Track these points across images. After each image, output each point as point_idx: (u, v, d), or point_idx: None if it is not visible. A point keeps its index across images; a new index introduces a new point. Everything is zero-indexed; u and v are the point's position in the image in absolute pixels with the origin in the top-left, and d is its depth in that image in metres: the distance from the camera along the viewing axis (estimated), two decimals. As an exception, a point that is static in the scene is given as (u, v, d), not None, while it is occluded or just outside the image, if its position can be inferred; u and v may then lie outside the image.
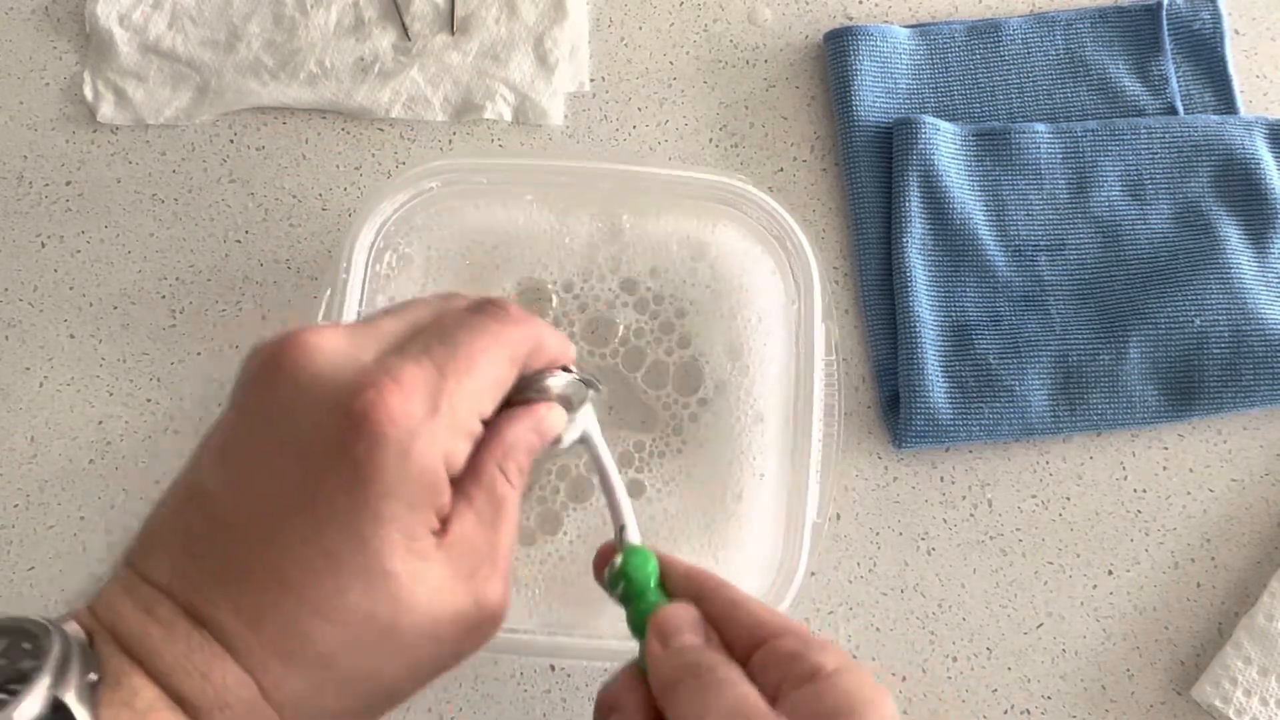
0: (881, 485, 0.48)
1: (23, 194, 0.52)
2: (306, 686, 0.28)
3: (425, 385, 0.28)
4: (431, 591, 0.29)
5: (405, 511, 0.28)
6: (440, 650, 0.30)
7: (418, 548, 0.28)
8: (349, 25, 0.54)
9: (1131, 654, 0.46)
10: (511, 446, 0.31)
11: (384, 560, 0.27)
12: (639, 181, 0.46)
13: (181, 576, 0.27)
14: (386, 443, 0.27)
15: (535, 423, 0.32)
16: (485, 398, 0.30)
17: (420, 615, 0.28)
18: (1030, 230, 0.51)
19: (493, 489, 0.31)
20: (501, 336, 0.31)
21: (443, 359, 0.29)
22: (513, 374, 0.31)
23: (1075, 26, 0.54)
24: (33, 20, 0.55)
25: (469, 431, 0.30)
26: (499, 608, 0.31)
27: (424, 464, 0.28)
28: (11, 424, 0.49)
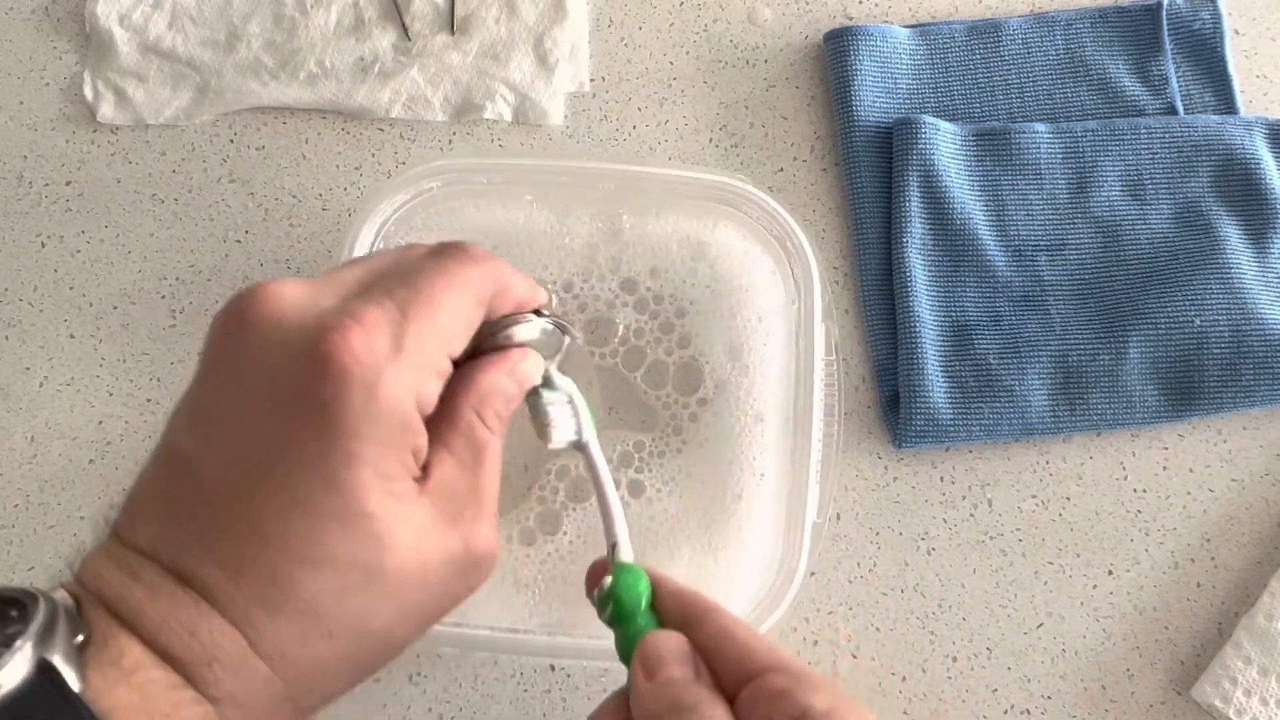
0: (881, 485, 0.48)
1: (23, 194, 0.52)
2: (295, 636, 0.27)
3: (388, 324, 0.28)
4: (416, 533, 0.28)
5: (378, 451, 0.28)
6: (430, 594, 0.30)
7: (396, 489, 0.28)
8: (349, 25, 0.54)
9: (1131, 654, 0.46)
10: (487, 392, 0.31)
11: (360, 501, 0.27)
12: (639, 181, 0.46)
13: (163, 538, 0.27)
14: (352, 382, 0.27)
15: (509, 368, 0.32)
16: (452, 336, 0.30)
17: (405, 557, 0.28)
18: (1030, 230, 0.51)
19: (471, 434, 0.31)
20: (463, 275, 0.31)
21: (405, 300, 0.29)
22: (478, 313, 0.31)
23: (1075, 26, 0.54)
24: (33, 20, 0.55)
25: (437, 370, 0.30)
26: (489, 551, 0.31)
27: (392, 402, 0.28)
28: (11, 424, 0.49)
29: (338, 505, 0.27)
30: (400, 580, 0.28)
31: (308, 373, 0.27)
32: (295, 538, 0.27)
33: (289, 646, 0.27)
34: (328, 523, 0.27)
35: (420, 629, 0.30)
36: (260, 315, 0.28)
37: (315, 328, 0.28)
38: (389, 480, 0.28)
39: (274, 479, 0.27)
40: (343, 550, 0.27)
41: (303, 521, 0.27)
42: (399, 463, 0.28)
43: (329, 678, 0.29)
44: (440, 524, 0.29)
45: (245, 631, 0.27)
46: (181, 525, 0.28)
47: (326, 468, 0.27)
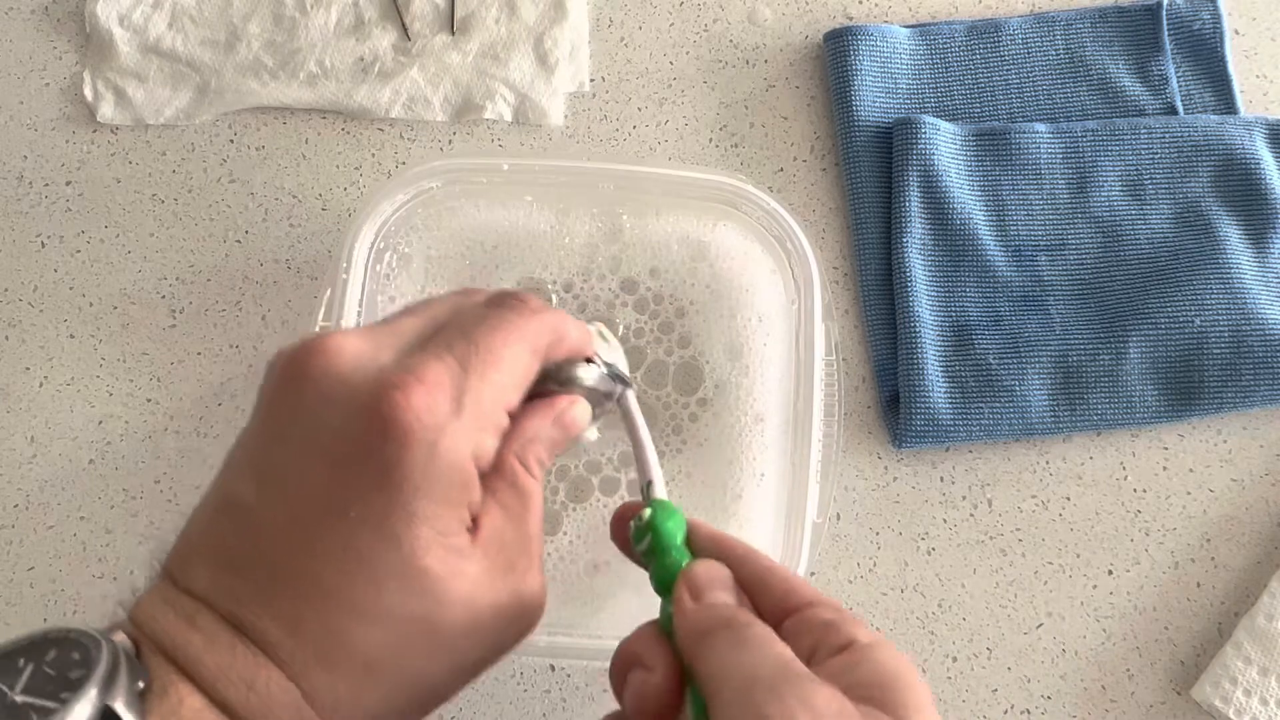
0: (881, 485, 0.48)
1: (23, 194, 0.52)
2: (350, 690, 0.28)
3: (449, 382, 0.28)
4: (470, 587, 0.29)
5: (437, 509, 0.28)
6: (482, 645, 0.30)
7: (453, 544, 0.28)
8: (349, 25, 0.54)
9: (1131, 654, 0.46)
10: (531, 439, 0.32)
11: (419, 558, 0.27)
12: (639, 181, 0.46)
13: (220, 587, 0.28)
14: (414, 442, 0.27)
15: (556, 416, 0.32)
16: (510, 391, 0.30)
17: (460, 611, 0.28)
18: (1030, 230, 0.51)
19: (515, 481, 0.31)
20: (522, 329, 0.31)
21: (465, 354, 0.29)
22: (535, 366, 0.32)
23: (1075, 26, 0.54)
24: (33, 20, 0.55)
25: (495, 426, 0.30)
26: (538, 599, 0.31)
27: (452, 460, 0.28)
28: (11, 424, 0.49)
29: (396, 562, 0.27)
30: (454, 634, 0.29)
31: (370, 431, 0.27)
32: (353, 593, 0.27)
33: (342, 699, 0.28)
34: (386, 579, 0.27)
35: (469, 678, 0.31)
36: (322, 369, 0.28)
37: (377, 385, 0.28)
38: (446, 536, 0.28)
39: (335, 535, 0.27)
40: (400, 606, 0.27)
41: (361, 577, 0.27)
42: (456, 519, 0.29)
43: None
44: (492, 576, 0.29)
45: (301, 685, 0.27)
46: (240, 575, 0.28)
47: (387, 525, 0.27)
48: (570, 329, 0.33)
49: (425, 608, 0.28)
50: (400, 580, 0.27)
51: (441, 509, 0.28)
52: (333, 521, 0.27)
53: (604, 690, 0.45)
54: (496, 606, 0.29)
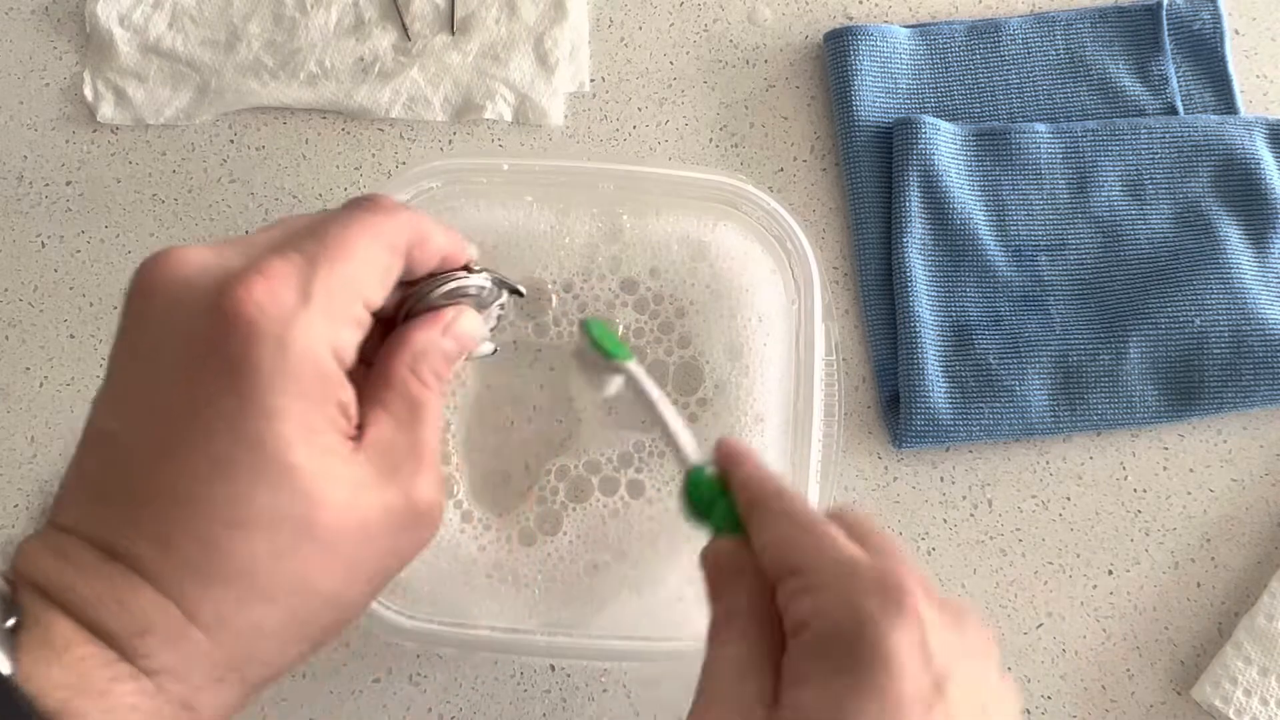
0: (881, 485, 0.48)
1: (23, 194, 0.52)
2: (230, 601, 0.27)
3: (295, 274, 0.27)
4: (350, 487, 0.28)
5: (297, 404, 0.27)
6: (374, 549, 0.29)
7: (323, 443, 0.27)
8: (349, 25, 0.54)
9: (1131, 654, 0.46)
10: (422, 350, 0.31)
11: (283, 455, 0.26)
12: (639, 181, 0.46)
13: (91, 516, 0.27)
14: (259, 334, 0.26)
15: (444, 327, 0.32)
16: (365, 284, 0.29)
17: (340, 511, 0.27)
18: (1030, 230, 0.51)
19: (406, 391, 0.30)
20: (373, 224, 0.30)
21: (313, 251, 0.28)
22: (395, 262, 0.30)
23: (1075, 26, 0.54)
24: (33, 20, 0.55)
25: (352, 318, 0.29)
26: (432, 503, 0.30)
27: (304, 352, 0.27)
28: (11, 424, 0.49)
29: (260, 462, 0.26)
30: (337, 536, 0.28)
31: (214, 330, 0.27)
32: (221, 500, 0.26)
33: (226, 613, 0.27)
34: (253, 481, 0.26)
35: (369, 588, 0.30)
36: (165, 279, 0.28)
37: (219, 284, 0.27)
38: (313, 433, 0.27)
39: (193, 442, 0.26)
40: (270, 508, 0.26)
41: (227, 483, 0.26)
42: (323, 417, 0.28)
43: (276, 644, 0.28)
44: (377, 478, 0.29)
45: (178, 601, 0.26)
46: (107, 502, 0.27)
47: (245, 425, 0.26)
48: (434, 229, 0.32)
49: (300, 508, 0.27)
50: (268, 481, 0.26)
51: (302, 404, 0.27)
52: (189, 429, 0.27)
53: (604, 690, 0.45)
54: (386, 509, 0.29)
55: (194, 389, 0.27)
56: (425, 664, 0.45)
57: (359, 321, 0.29)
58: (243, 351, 0.26)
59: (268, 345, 0.26)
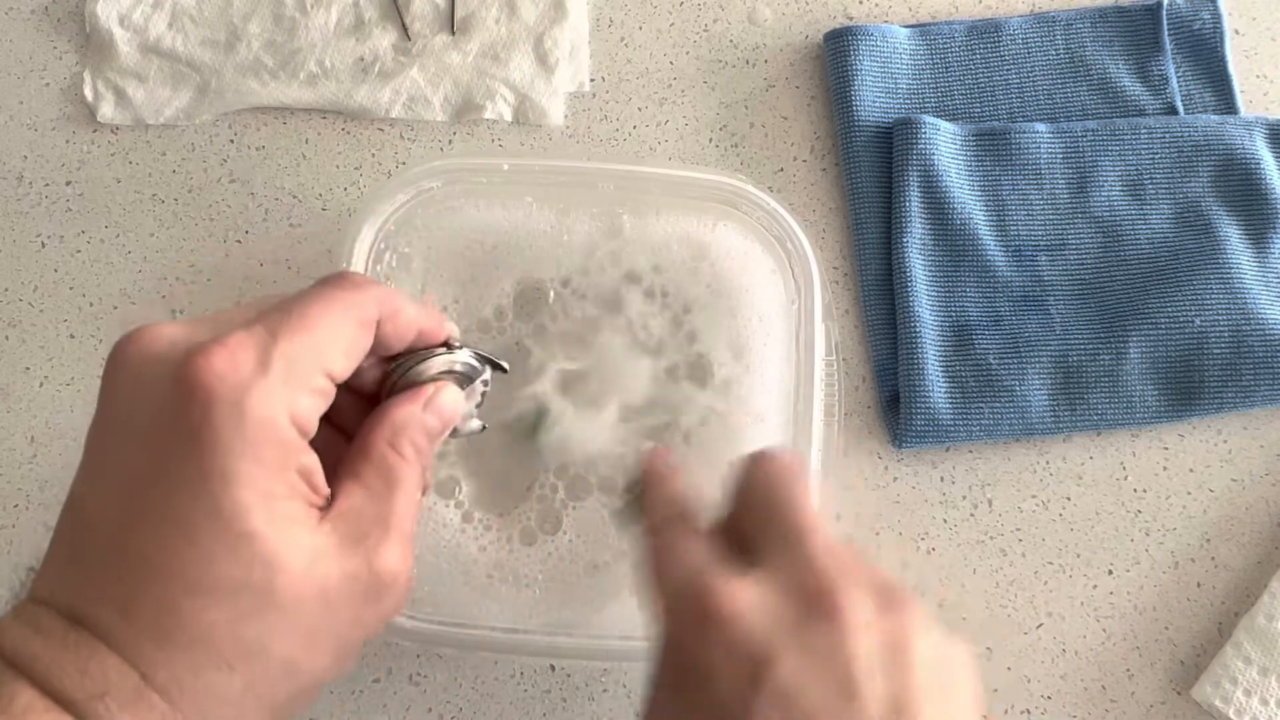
0: (881, 485, 0.48)
1: (23, 194, 0.52)
2: (189, 667, 0.27)
3: (255, 345, 0.28)
4: (310, 555, 0.28)
5: (256, 470, 0.27)
6: (336, 619, 0.29)
7: (284, 509, 0.28)
8: (349, 25, 0.54)
9: (1131, 654, 0.46)
10: (401, 424, 0.32)
11: (242, 521, 0.27)
12: (639, 181, 0.46)
13: (61, 584, 0.28)
14: (218, 401, 0.27)
15: (425, 401, 0.32)
16: (328, 355, 0.30)
17: (299, 578, 0.28)
18: (1030, 230, 0.51)
19: (382, 463, 0.31)
20: (340, 298, 0.30)
21: (275, 323, 0.29)
22: (362, 336, 0.31)
23: (1075, 26, 0.54)
24: (33, 20, 0.55)
25: (313, 388, 0.29)
26: (397, 573, 0.30)
27: (262, 417, 0.27)
28: (11, 424, 0.49)
29: (219, 528, 0.27)
30: (297, 603, 0.28)
31: (176, 399, 0.27)
32: (182, 566, 0.27)
33: (184, 679, 0.27)
34: (212, 547, 0.27)
35: (331, 659, 0.30)
36: (136, 355, 0.29)
37: (184, 355, 0.28)
38: (272, 500, 0.28)
39: (155, 509, 0.27)
40: (230, 575, 0.27)
41: (188, 549, 0.27)
42: (283, 483, 0.28)
43: (234, 712, 0.28)
44: (339, 546, 0.29)
45: (139, 667, 0.27)
46: (76, 568, 0.28)
47: (205, 491, 0.27)
48: (406, 304, 0.33)
49: (259, 575, 0.27)
50: (226, 547, 0.27)
51: (260, 470, 0.27)
52: (152, 495, 0.27)
53: (604, 690, 0.45)
54: (347, 576, 0.29)
55: (157, 456, 0.27)
56: (425, 664, 0.45)
57: (320, 391, 0.30)
58: (202, 418, 0.27)
59: (225, 412, 0.27)
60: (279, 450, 0.28)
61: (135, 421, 0.28)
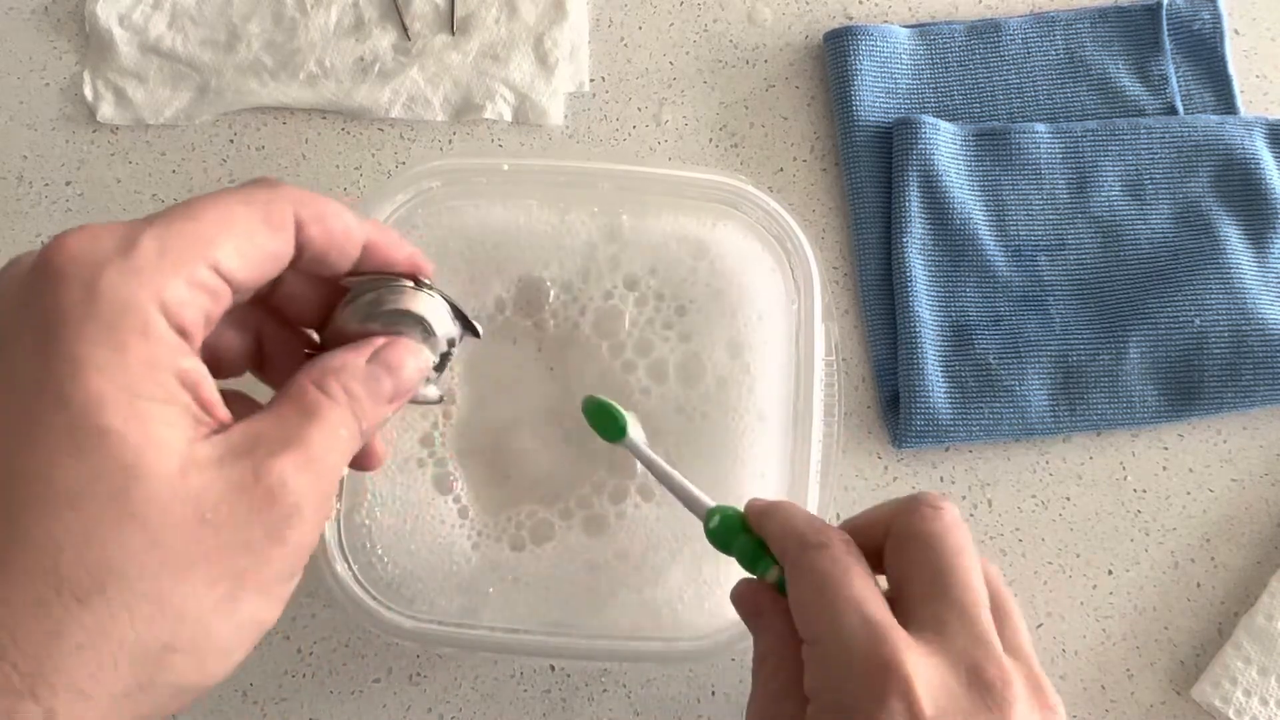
0: (881, 485, 0.48)
1: (23, 194, 0.52)
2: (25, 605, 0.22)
3: (121, 229, 0.24)
4: (181, 461, 0.23)
5: (113, 359, 0.23)
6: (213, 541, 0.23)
7: (151, 412, 0.23)
8: (349, 25, 0.54)
9: (1131, 654, 0.46)
10: (335, 368, 0.27)
11: (93, 415, 0.22)
12: (639, 181, 0.46)
13: None
14: (67, 280, 0.23)
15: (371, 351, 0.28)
16: (217, 245, 0.25)
17: (164, 486, 0.23)
18: (1030, 230, 0.51)
19: (300, 395, 0.26)
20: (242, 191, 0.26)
21: (154, 215, 0.25)
22: (269, 235, 0.26)
23: (1075, 26, 0.54)
24: (33, 20, 0.55)
25: (194, 280, 0.24)
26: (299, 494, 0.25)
27: (121, 299, 0.23)
28: (11, 424, 0.49)
29: (65, 423, 0.22)
30: (162, 517, 0.23)
31: (26, 284, 0.24)
32: (20, 472, 0.22)
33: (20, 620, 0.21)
34: (57, 446, 0.22)
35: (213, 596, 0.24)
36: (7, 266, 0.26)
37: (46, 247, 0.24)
38: (135, 398, 0.23)
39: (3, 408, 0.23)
40: (78, 478, 0.22)
41: (31, 451, 0.22)
42: (153, 381, 0.23)
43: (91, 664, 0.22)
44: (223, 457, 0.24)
45: None
46: None
47: (50, 379, 0.22)
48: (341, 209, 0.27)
49: (113, 480, 0.22)
50: (74, 445, 0.22)
51: (120, 360, 0.23)
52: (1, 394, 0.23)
53: (604, 690, 0.45)
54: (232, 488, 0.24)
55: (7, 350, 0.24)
56: (425, 664, 0.45)
57: (203, 285, 0.25)
58: (52, 299, 0.23)
59: (75, 291, 0.23)
60: (144, 342, 0.23)
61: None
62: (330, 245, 0.27)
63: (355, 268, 0.28)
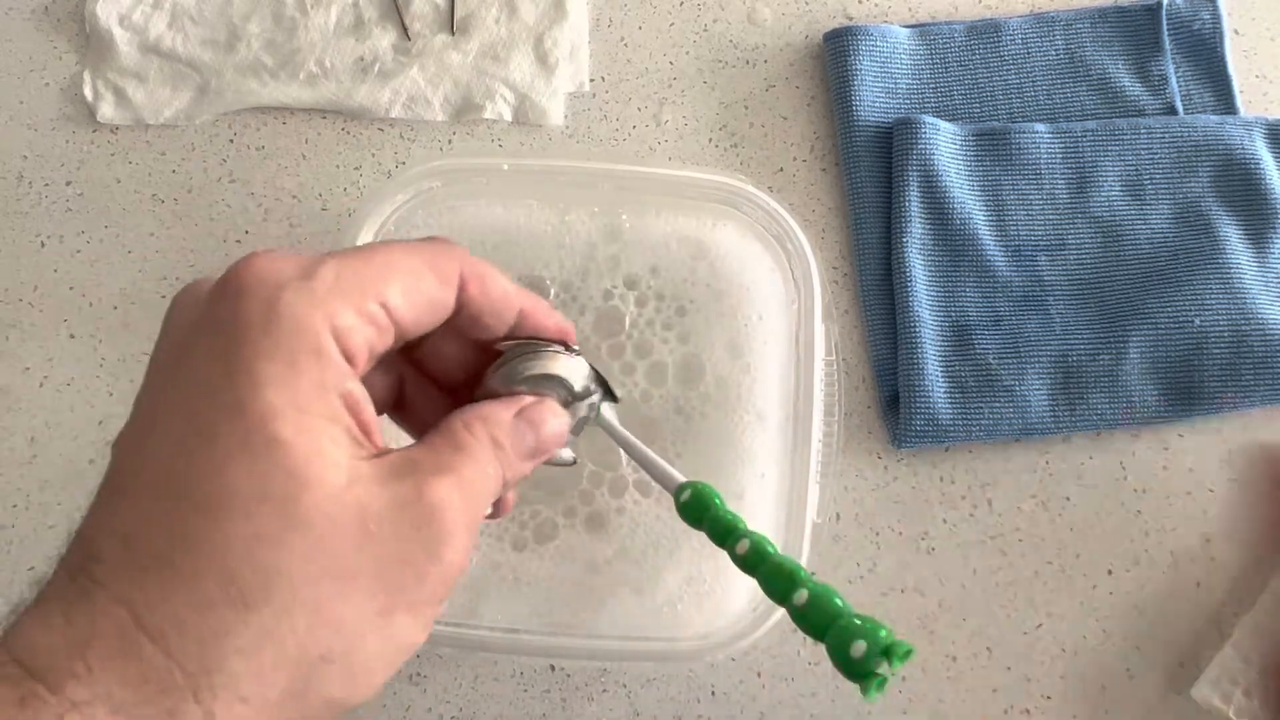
0: (881, 485, 0.48)
1: (23, 194, 0.52)
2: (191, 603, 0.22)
3: (303, 258, 0.26)
4: (347, 474, 0.24)
5: (288, 375, 0.24)
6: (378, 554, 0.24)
7: (320, 428, 0.24)
8: (349, 25, 0.54)
9: (1131, 654, 0.46)
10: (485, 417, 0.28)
11: (267, 426, 0.23)
12: (639, 181, 0.46)
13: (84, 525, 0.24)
14: (249, 296, 0.24)
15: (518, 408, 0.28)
16: (387, 285, 0.26)
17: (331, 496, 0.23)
18: (1030, 230, 0.51)
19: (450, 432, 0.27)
20: (417, 244, 0.28)
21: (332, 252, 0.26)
22: (438, 287, 0.27)
23: (1075, 26, 0.54)
24: (33, 20, 0.55)
25: (363, 310, 0.26)
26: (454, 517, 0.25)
27: (298, 319, 0.24)
28: (11, 424, 0.49)
29: (241, 432, 0.23)
30: (328, 527, 0.23)
31: (210, 301, 0.25)
32: (195, 477, 0.23)
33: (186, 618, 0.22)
34: (231, 454, 0.23)
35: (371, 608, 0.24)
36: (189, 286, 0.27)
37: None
38: (305, 413, 0.23)
39: (175, 412, 0.24)
40: (249, 484, 0.22)
41: (203, 456, 0.23)
42: (321, 401, 0.24)
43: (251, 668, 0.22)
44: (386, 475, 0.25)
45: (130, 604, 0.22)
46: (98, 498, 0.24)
47: (228, 389, 0.23)
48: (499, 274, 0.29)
49: (283, 489, 0.23)
50: (248, 454, 0.23)
51: (292, 376, 0.24)
52: (172, 398, 0.24)
53: (604, 690, 0.45)
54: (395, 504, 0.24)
55: (181, 358, 0.25)
56: (425, 664, 0.45)
57: (371, 317, 0.26)
58: (232, 313, 0.24)
59: (256, 305, 0.24)
60: (316, 362, 0.24)
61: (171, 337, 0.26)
62: (488, 306, 0.29)
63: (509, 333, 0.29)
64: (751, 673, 0.46)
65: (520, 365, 0.29)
